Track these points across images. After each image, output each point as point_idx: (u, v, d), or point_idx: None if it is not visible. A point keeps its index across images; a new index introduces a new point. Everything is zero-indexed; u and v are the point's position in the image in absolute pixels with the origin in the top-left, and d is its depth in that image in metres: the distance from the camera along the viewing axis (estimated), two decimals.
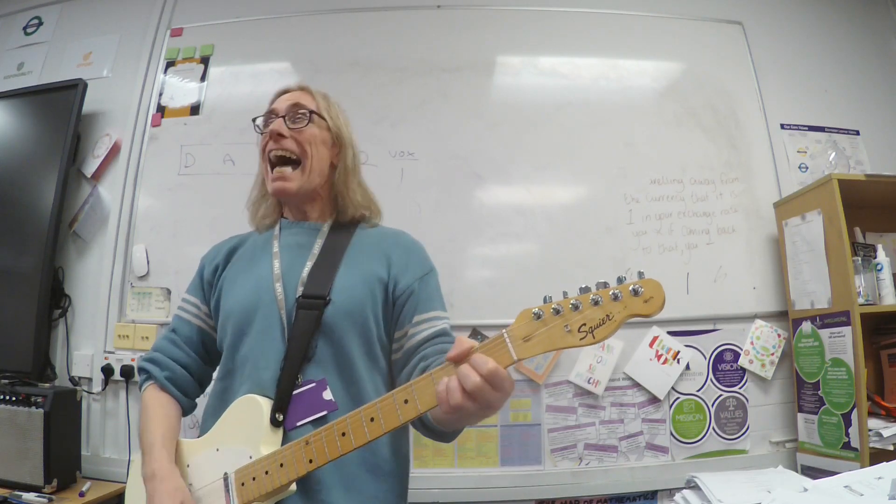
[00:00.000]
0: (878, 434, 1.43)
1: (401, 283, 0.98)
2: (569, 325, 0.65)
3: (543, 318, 0.66)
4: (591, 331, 0.64)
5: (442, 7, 2.01)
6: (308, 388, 0.89)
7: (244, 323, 0.95)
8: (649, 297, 0.63)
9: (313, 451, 0.79)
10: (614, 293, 0.63)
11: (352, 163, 1.06)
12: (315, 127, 1.02)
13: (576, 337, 0.65)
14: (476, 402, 0.67)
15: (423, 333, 0.95)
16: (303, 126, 1.00)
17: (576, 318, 0.65)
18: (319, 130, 1.02)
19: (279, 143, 0.99)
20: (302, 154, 0.99)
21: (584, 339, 0.64)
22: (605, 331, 0.64)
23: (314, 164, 1.00)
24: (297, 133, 1.00)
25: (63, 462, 1.56)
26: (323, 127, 1.03)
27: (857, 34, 2.12)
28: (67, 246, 1.92)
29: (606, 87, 1.95)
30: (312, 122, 1.01)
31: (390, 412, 0.74)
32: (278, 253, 1.00)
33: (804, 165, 1.94)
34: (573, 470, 1.69)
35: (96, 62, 2.07)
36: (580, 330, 0.64)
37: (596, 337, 0.64)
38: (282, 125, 0.99)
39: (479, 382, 0.66)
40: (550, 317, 0.66)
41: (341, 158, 1.05)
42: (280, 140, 0.99)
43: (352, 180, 1.05)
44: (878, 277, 1.55)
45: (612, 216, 1.84)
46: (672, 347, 1.74)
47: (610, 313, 0.64)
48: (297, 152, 0.99)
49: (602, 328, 0.64)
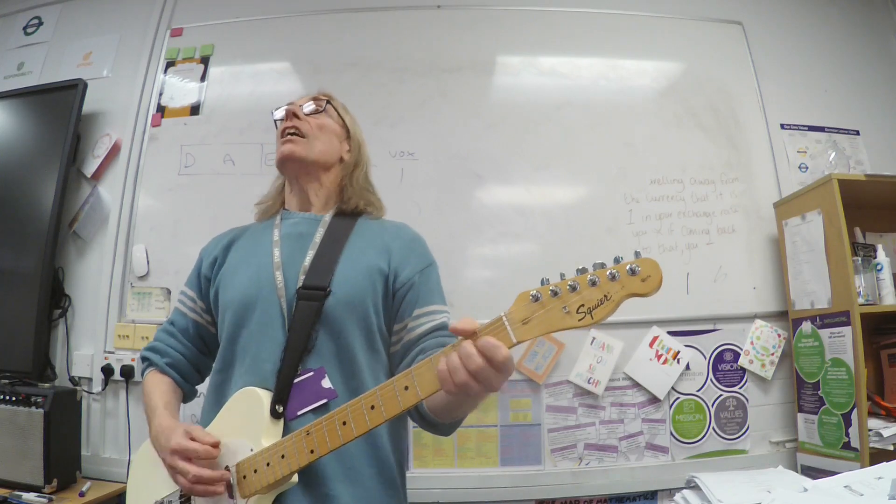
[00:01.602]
0: (878, 434, 1.43)
1: (401, 275, 0.98)
2: (567, 307, 0.64)
3: (541, 300, 0.65)
4: (589, 311, 0.63)
5: (442, 7, 2.01)
6: (307, 376, 0.89)
7: (244, 313, 0.95)
8: (647, 275, 0.62)
9: (314, 441, 0.79)
10: (611, 273, 0.63)
11: (360, 160, 1.11)
12: (329, 117, 1.09)
13: (574, 318, 0.64)
14: (478, 381, 0.67)
15: (423, 327, 0.95)
16: (319, 111, 1.08)
17: (574, 299, 0.64)
18: (334, 123, 1.09)
19: (292, 121, 1.05)
20: (311, 132, 1.05)
21: (583, 320, 0.64)
22: (604, 311, 0.63)
23: (321, 143, 1.05)
24: (312, 118, 1.07)
25: (63, 462, 1.56)
26: (337, 121, 1.10)
27: (857, 34, 2.12)
28: (67, 246, 1.92)
29: (606, 87, 1.95)
30: (328, 112, 1.09)
31: (391, 399, 0.74)
32: (279, 242, 1.00)
33: (804, 165, 1.94)
34: (573, 470, 1.69)
35: (96, 62, 2.07)
36: (578, 311, 0.64)
37: (594, 317, 0.63)
38: (298, 108, 1.07)
39: (482, 363, 0.66)
40: (548, 298, 0.65)
41: (352, 154, 1.10)
42: (294, 118, 1.05)
43: (358, 173, 1.09)
44: (878, 277, 1.56)
45: (611, 216, 1.84)
46: (672, 347, 1.74)
47: (608, 293, 0.63)
48: (306, 130, 1.04)
49: (600, 308, 0.63)
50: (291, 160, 1.03)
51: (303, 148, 1.03)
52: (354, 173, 1.09)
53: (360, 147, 1.12)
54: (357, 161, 1.10)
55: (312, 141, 1.04)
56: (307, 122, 1.05)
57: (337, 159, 1.08)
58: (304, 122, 1.05)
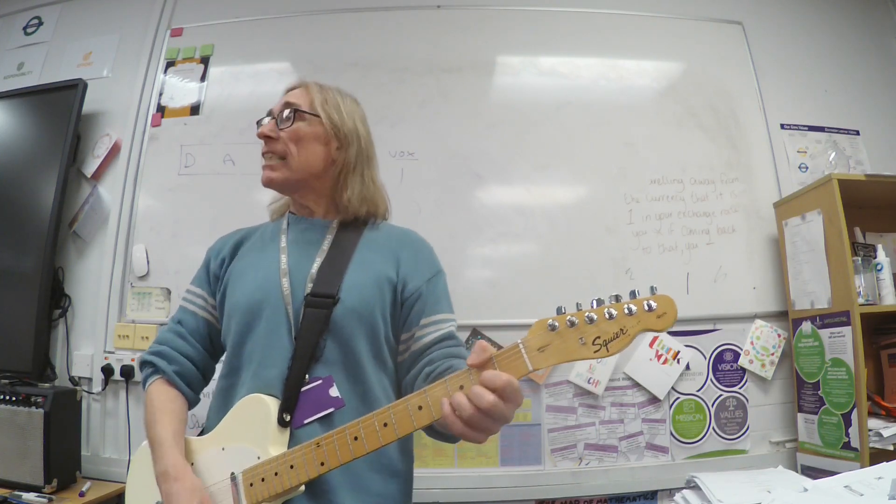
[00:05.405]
0: (878, 434, 1.43)
1: (410, 284, 0.97)
2: (583, 338, 0.66)
3: (559, 330, 0.67)
4: (605, 344, 0.65)
5: (442, 7, 2.01)
6: (314, 385, 0.89)
7: (250, 319, 0.94)
8: (662, 312, 0.65)
9: (325, 454, 0.79)
10: (629, 308, 0.65)
11: (354, 159, 1.03)
12: (304, 124, 1.00)
13: (590, 349, 0.66)
14: (490, 416, 0.68)
15: (430, 336, 0.95)
16: (287, 126, 1.00)
17: (590, 331, 0.66)
18: (310, 126, 1.01)
19: (267, 145, 1.01)
20: (285, 152, 1.00)
21: (598, 352, 0.65)
22: (619, 344, 0.65)
23: (299, 159, 0.99)
24: (287, 130, 1.00)
25: (63, 462, 1.56)
26: (315, 123, 1.01)
27: (857, 34, 2.12)
28: (67, 246, 1.92)
29: (606, 87, 1.95)
30: (300, 120, 1.00)
31: (404, 418, 0.74)
32: (286, 248, 0.99)
33: (804, 165, 1.94)
34: (573, 470, 1.69)
35: (96, 62, 2.07)
36: (594, 343, 0.65)
37: (610, 350, 0.65)
38: (268, 127, 1.01)
39: (493, 399, 0.67)
40: (566, 329, 0.66)
41: (341, 153, 1.02)
42: (268, 142, 1.01)
43: (352, 177, 1.02)
44: (878, 277, 1.55)
45: (612, 216, 1.84)
46: (672, 347, 1.74)
47: (624, 327, 0.65)
48: (280, 152, 1.00)
49: (616, 342, 0.65)
50: (271, 187, 1.02)
51: (280, 173, 0.99)
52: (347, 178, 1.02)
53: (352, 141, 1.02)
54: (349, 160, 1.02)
55: (290, 161, 0.99)
56: (281, 142, 0.99)
57: (326, 162, 1.02)
58: (278, 141, 0.99)
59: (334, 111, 1.03)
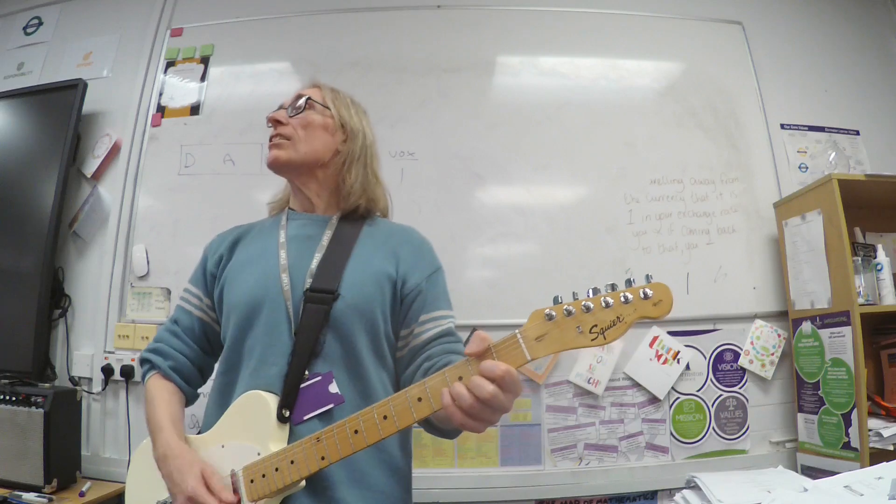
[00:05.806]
0: (878, 434, 1.43)
1: (409, 281, 0.98)
2: (580, 326, 0.66)
3: (556, 320, 0.67)
4: (602, 332, 0.66)
5: (442, 7, 2.01)
6: (314, 381, 0.89)
7: (249, 316, 0.94)
8: (658, 300, 0.65)
9: (325, 449, 0.79)
10: (625, 296, 0.65)
11: (359, 151, 1.06)
12: (314, 114, 1.05)
13: (587, 338, 0.66)
14: (490, 406, 0.68)
15: (429, 333, 0.95)
16: (299, 112, 1.04)
17: (587, 320, 0.66)
18: (320, 117, 1.05)
19: (276, 129, 1.04)
20: (293, 135, 1.03)
21: (596, 340, 0.66)
22: (616, 332, 0.66)
23: (305, 143, 1.02)
24: (296, 118, 1.04)
25: (63, 462, 1.56)
26: (325, 115, 1.06)
27: (857, 34, 2.12)
28: (67, 246, 1.92)
29: (606, 87, 1.95)
30: (311, 109, 1.05)
31: (404, 410, 0.74)
32: (285, 243, 0.99)
33: (804, 165, 1.94)
34: (573, 470, 1.69)
35: (96, 62, 2.07)
36: (591, 331, 0.66)
37: (607, 338, 0.66)
38: (280, 113, 1.05)
39: (493, 389, 0.67)
40: (562, 318, 0.67)
41: (346, 145, 1.06)
42: (277, 125, 1.04)
43: (355, 167, 1.05)
44: (878, 277, 1.56)
45: (612, 216, 1.84)
46: (672, 347, 1.74)
47: (620, 315, 0.65)
48: (288, 134, 1.03)
49: (613, 330, 0.65)
50: (276, 165, 1.03)
51: (287, 152, 1.02)
52: (351, 167, 1.04)
53: (357, 136, 1.06)
54: (353, 152, 1.05)
55: (297, 143, 1.02)
56: (290, 126, 1.03)
57: (331, 153, 1.04)
58: (287, 125, 1.03)
59: (343, 107, 1.08)
